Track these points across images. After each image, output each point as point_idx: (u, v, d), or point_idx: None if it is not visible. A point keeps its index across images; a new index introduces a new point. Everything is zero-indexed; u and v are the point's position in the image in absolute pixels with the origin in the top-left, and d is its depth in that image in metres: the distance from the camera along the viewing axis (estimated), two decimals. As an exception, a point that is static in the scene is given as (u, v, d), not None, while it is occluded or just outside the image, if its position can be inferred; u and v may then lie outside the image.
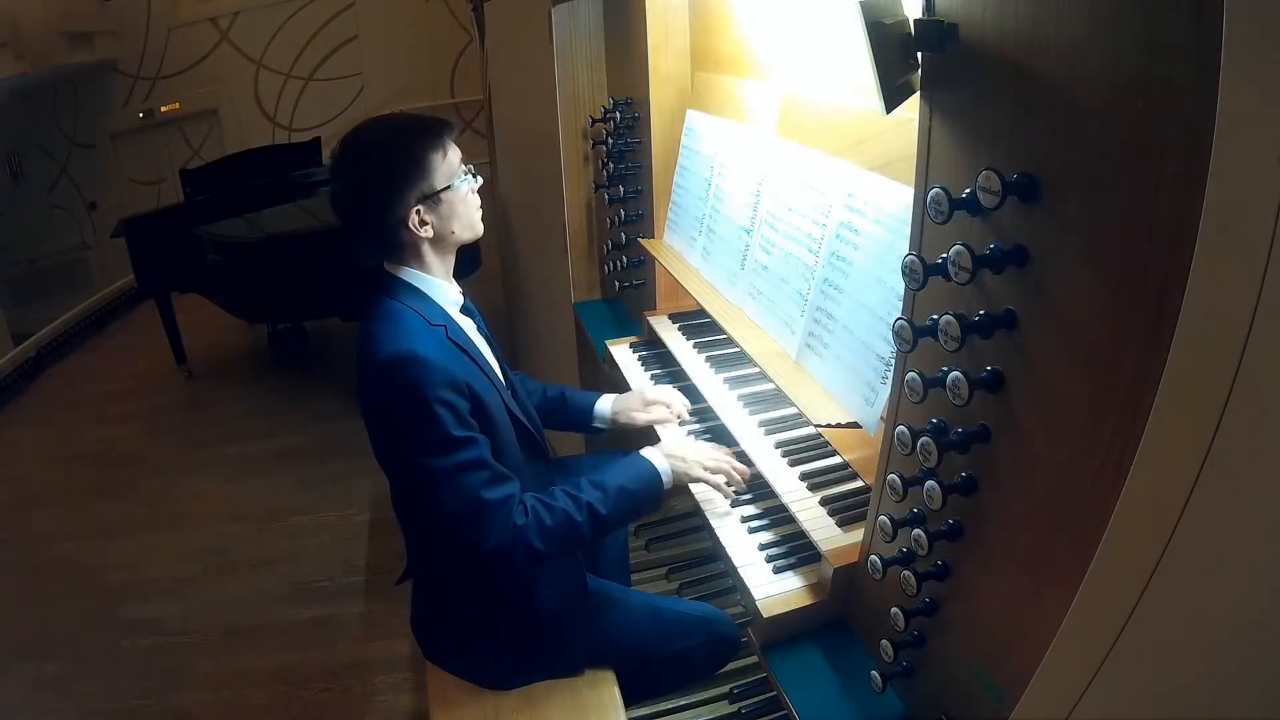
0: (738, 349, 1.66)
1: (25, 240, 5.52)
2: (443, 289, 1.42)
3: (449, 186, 1.36)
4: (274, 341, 4.69)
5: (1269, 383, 0.59)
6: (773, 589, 1.22)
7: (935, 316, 0.84)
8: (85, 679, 2.43)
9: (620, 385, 1.96)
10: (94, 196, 5.91)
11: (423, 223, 1.34)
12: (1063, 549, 0.76)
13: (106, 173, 5.99)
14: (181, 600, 2.74)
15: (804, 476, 1.34)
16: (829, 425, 1.22)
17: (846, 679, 1.12)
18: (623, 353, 2.04)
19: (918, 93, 0.88)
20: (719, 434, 1.63)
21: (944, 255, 0.82)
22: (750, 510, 1.42)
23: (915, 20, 0.84)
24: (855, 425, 1.20)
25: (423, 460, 1.26)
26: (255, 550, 2.96)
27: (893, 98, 0.88)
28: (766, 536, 1.35)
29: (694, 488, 1.46)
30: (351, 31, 5.98)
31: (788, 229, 1.45)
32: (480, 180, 1.44)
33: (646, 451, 1.44)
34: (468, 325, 1.46)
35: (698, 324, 1.93)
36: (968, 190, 0.79)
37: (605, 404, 1.74)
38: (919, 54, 0.86)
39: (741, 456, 1.47)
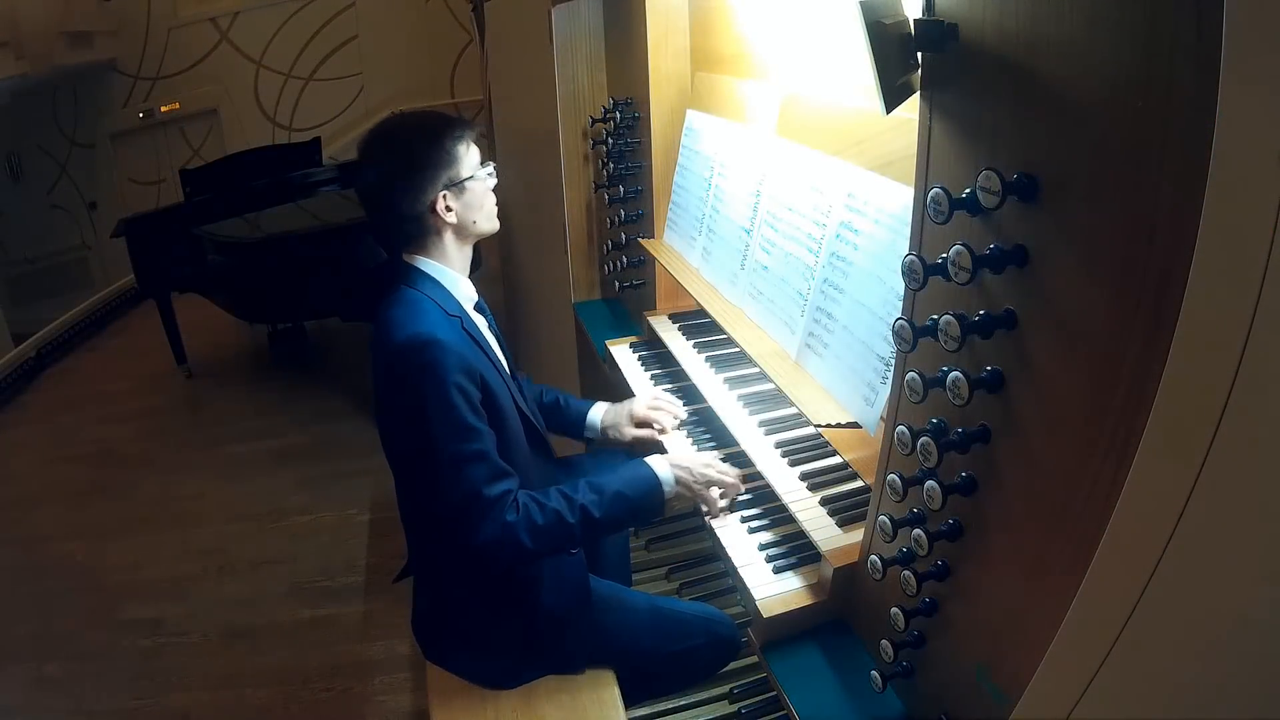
0: (738, 349, 1.66)
1: (25, 240, 5.52)
2: (459, 282, 1.46)
3: (472, 177, 1.43)
4: (274, 341, 4.69)
5: (1269, 383, 0.59)
6: (773, 589, 1.22)
7: (935, 316, 0.84)
8: (85, 679, 2.43)
9: (621, 385, 1.96)
10: (94, 196, 5.91)
11: (448, 208, 1.40)
12: (1063, 549, 0.76)
13: (106, 173, 5.99)
14: (181, 600, 2.74)
15: (804, 476, 1.34)
16: (829, 425, 1.22)
17: (846, 679, 1.12)
18: (623, 353, 2.04)
19: (918, 93, 0.88)
20: (719, 434, 1.64)
21: (944, 255, 0.82)
22: (750, 510, 1.42)
23: (915, 20, 0.84)
24: (855, 425, 1.20)
25: (431, 443, 1.29)
26: (255, 550, 2.96)
27: (893, 98, 0.88)
28: (766, 536, 1.35)
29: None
30: (351, 31, 5.99)
31: (788, 229, 1.45)
32: (495, 180, 1.50)
33: (652, 460, 1.44)
34: (481, 323, 1.50)
35: (698, 324, 1.93)
36: (968, 190, 0.79)
37: (596, 414, 1.75)
38: (919, 54, 0.86)
39: (741, 456, 1.47)
